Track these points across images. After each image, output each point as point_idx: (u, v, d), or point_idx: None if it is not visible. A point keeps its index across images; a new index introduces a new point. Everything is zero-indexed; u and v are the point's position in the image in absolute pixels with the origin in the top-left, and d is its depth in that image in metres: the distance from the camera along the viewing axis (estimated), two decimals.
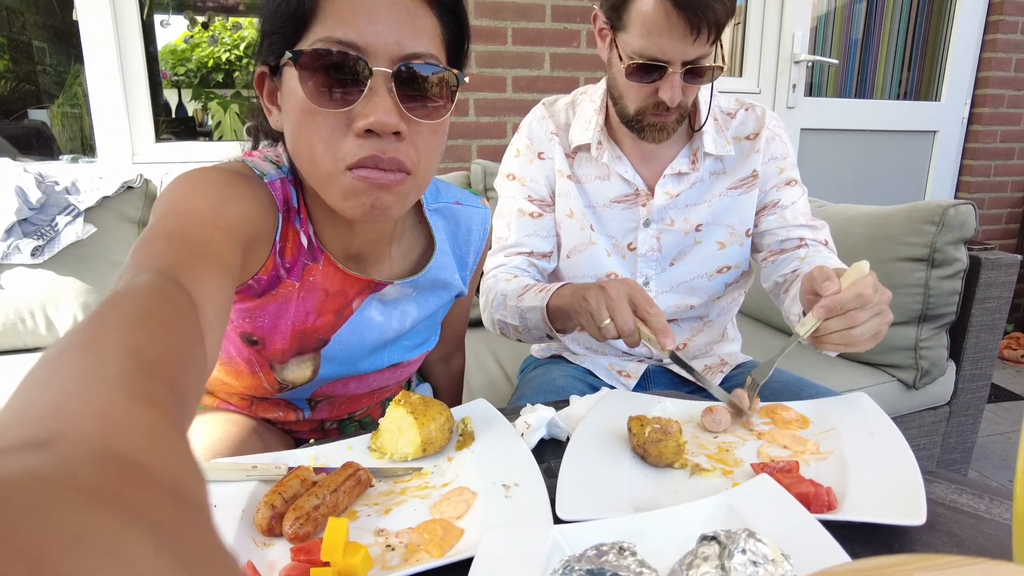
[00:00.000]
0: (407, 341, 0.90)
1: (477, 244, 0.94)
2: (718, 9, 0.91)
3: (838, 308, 0.75)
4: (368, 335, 0.84)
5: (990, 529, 0.57)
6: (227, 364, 0.83)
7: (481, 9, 2.28)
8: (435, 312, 0.92)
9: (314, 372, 0.83)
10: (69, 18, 2.12)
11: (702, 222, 1.15)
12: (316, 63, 0.61)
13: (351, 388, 0.91)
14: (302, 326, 0.79)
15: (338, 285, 0.79)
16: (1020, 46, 2.95)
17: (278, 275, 0.75)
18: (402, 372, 0.93)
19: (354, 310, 0.82)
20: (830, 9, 2.97)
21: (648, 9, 0.93)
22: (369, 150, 0.62)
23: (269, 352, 0.80)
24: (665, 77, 0.97)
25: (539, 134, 1.19)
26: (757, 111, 1.16)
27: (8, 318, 1.70)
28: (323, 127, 0.62)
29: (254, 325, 0.78)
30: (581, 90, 1.22)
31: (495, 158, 2.35)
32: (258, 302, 0.76)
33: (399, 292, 0.84)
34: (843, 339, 0.77)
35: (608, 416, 0.79)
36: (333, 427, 1.00)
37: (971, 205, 1.56)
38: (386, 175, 0.63)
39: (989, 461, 2.20)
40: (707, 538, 0.47)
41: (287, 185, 0.74)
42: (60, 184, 1.80)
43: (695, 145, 1.13)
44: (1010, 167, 3.12)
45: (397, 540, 0.58)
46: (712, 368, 1.22)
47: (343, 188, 0.64)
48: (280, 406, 0.91)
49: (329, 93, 0.62)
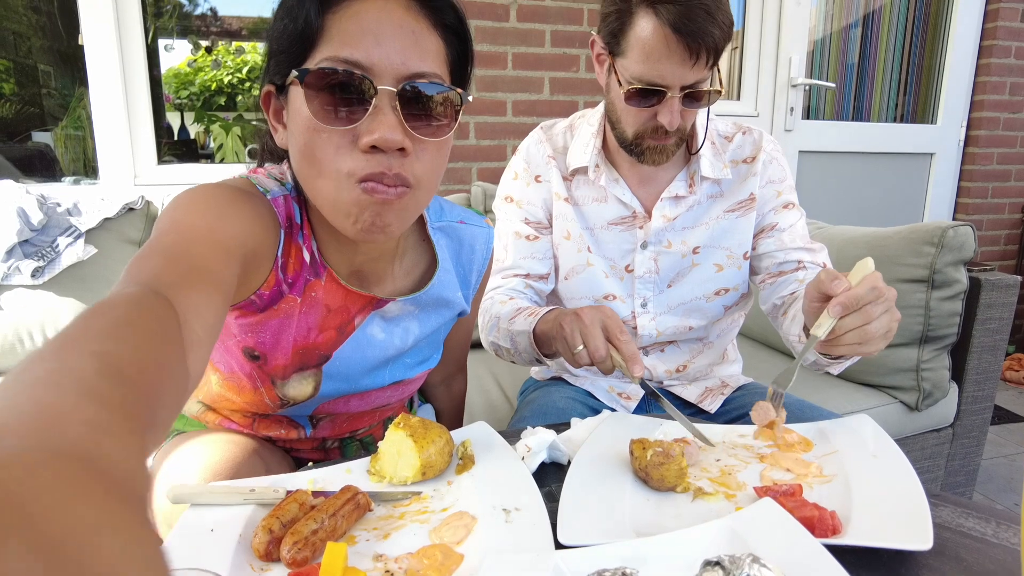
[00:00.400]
0: (409, 359, 0.89)
1: (480, 263, 0.94)
2: (716, 34, 0.91)
3: (854, 303, 0.73)
4: (370, 352, 0.83)
5: (998, 554, 0.56)
6: (229, 379, 0.83)
7: (482, 34, 2.32)
8: (437, 330, 0.91)
9: (315, 389, 0.82)
10: (75, 42, 2.15)
11: (699, 244, 1.15)
12: (322, 82, 0.62)
13: (352, 406, 0.90)
14: (304, 342, 0.79)
15: (340, 301, 0.79)
16: (1014, 70, 2.99)
17: (280, 291, 0.75)
18: (404, 390, 0.93)
19: (356, 327, 0.81)
20: (826, 34, 3.01)
21: (647, 35, 0.94)
22: (375, 166, 0.63)
23: (271, 368, 0.80)
24: (664, 101, 0.98)
25: (536, 158, 1.20)
26: (754, 134, 1.17)
27: (7, 339, 1.70)
28: (328, 144, 0.63)
29: (256, 340, 0.77)
30: (579, 114, 1.23)
31: (495, 180, 2.36)
32: (260, 317, 0.76)
33: (401, 309, 0.84)
34: (859, 337, 0.74)
35: (609, 439, 0.78)
36: (335, 446, 0.99)
37: (970, 226, 1.57)
38: (389, 190, 0.64)
39: (994, 484, 2.18)
40: (710, 563, 0.46)
41: (290, 202, 0.75)
42: (62, 205, 1.81)
43: (692, 168, 1.14)
44: (1007, 189, 3.14)
45: (396, 565, 0.57)
46: (713, 390, 1.21)
47: (347, 203, 0.65)
48: (282, 424, 0.90)
49: (335, 111, 0.62)
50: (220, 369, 0.83)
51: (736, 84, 2.85)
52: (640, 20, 0.95)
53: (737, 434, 0.83)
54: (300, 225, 0.75)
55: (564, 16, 2.40)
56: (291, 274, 0.75)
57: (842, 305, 0.74)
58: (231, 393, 0.85)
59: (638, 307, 1.18)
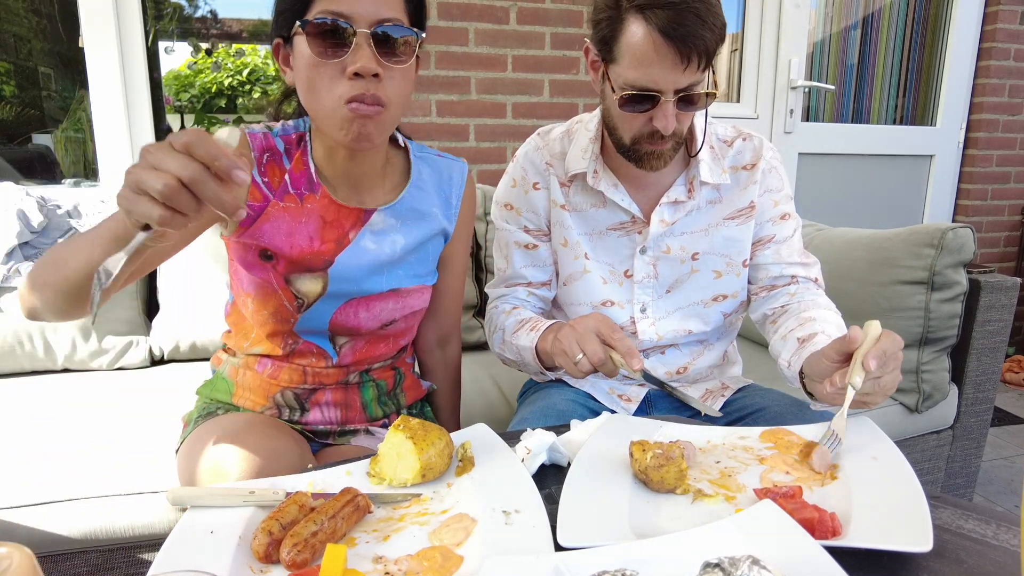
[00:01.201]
0: (401, 270, 1.06)
1: (458, 188, 1.13)
2: (707, 37, 0.91)
3: (884, 358, 0.77)
4: (364, 258, 1.02)
5: (998, 556, 0.56)
6: (256, 295, 1.02)
7: (482, 37, 2.32)
8: (423, 244, 1.08)
9: (324, 287, 1.00)
10: (75, 45, 2.15)
11: (699, 251, 1.15)
12: (318, 29, 0.85)
13: (363, 320, 1.05)
14: (309, 249, 0.98)
15: (333, 215, 1.00)
16: (1013, 72, 3.00)
17: (267, 199, 0.97)
18: (404, 304, 1.07)
19: (351, 240, 1.01)
20: (826, 36, 3.02)
21: (637, 40, 0.93)
22: (358, 89, 0.85)
23: (283, 267, 0.99)
24: (658, 106, 0.97)
25: (534, 164, 1.20)
26: (755, 141, 1.16)
27: (7, 341, 1.70)
28: (324, 75, 0.86)
29: (267, 241, 0.97)
30: (577, 119, 1.22)
31: (495, 182, 2.35)
32: (258, 223, 0.97)
33: (384, 222, 1.03)
34: (874, 387, 0.79)
35: (609, 441, 0.78)
36: (356, 381, 1.11)
37: (969, 228, 1.57)
38: (370, 108, 0.86)
39: (994, 486, 2.18)
40: (710, 565, 0.46)
41: (269, 138, 0.98)
42: (62, 208, 1.81)
43: (691, 173, 1.13)
44: (1007, 191, 3.14)
45: (396, 567, 0.57)
46: (714, 392, 1.21)
47: (339, 119, 0.87)
48: (312, 352, 1.06)
49: (327, 50, 0.85)
50: (250, 292, 1.03)
51: (736, 86, 2.86)
52: (630, 26, 0.94)
53: (737, 436, 0.83)
54: (301, 151, 0.99)
55: (564, 19, 2.40)
56: (277, 188, 0.98)
57: (878, 360, 0.77)
58: (261, 309, 1.02)
59: (637, 312, 1.18)
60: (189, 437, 1.02)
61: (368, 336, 1.08)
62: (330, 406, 1.09)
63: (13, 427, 1.41)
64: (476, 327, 2.02)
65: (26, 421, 1.45)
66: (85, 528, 1.18)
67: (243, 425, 0.97)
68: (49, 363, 1.76)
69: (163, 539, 0.60)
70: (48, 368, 1.78)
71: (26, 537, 1.15)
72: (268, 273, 0.99)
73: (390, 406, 1.15)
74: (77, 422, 1.43)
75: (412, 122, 2.31)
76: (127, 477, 1.22)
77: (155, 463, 1.24)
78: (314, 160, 1.00)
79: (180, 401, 1.20)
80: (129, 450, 1.30)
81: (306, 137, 1.00)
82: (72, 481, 1.20)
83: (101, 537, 1.19)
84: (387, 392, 1.15)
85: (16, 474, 1.22)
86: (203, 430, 0.99)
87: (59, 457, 1.28)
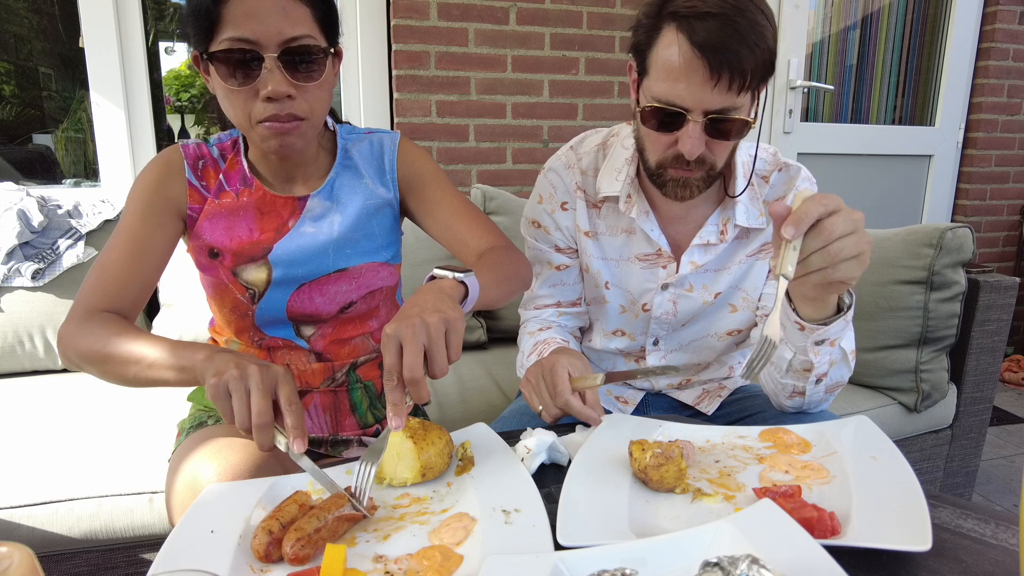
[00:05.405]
0: (348, 248, 1.05)
1: (390, 154, 1.10)
2: (743, 55, 0.83)
3: (805, 218, 0.70)
4: (303, 241, 1.02)
5: (997, 555, 0.57)
6: (214, 296, 1.05)
7: (482, 37, 2.32)
8: (366, 220, 1.06)
9: (269, 274, 1.01)
10: (76, 45, 2.15)
11: (720, 290, 1.11)
12: (226, 58, 0.86)
13: (319, 303, 1.04)
14: (248, 239, 1.00)
15: (269, 206, 1.02)
16: (1011, 72, 3.00)
17: (204, 199, 1.00)
18: (357, 284, 1.06)
19: (290, 228, 1.02)
20: (825, 36, 3.02)
21: (668, 51, 0.87)
22: (272, 110, 0.87)
23: (229, 261, 1.00)
24: (684, 126, 0.90)
25: (564, 184, 1.13)
26: (791, 171, 1.07)
27: (7, 340, 1.70)
28: (238, 99, 0.88)
29: (209, 237, 1.00)
30: (614, 131, 1.14)
31: (495, 183, 2.37)
32: (199, 222, 1.00)
33: (321, 206, 1.04)
34: (825, 259, 0.71)
35: (609, 441, 0.79)
36: (342, 380, 1.09)
37: (968, 228, 1.57)
38: (284, 125, 0.88)
39: (993, 485, 2.19)
40: (709, 564, 0.46)
41: (203, 147, 1.02)
42: (62, 208, 1.81)
43: (727, 214, 1.06)
44: (1006, 191, 3.14)
45: (396, 567, 0.58)
46: (710, 392, 1.21)
47: (257, 137, 0.91)
48: (281, 346, 1.06)
49: (238, 77, 0.86)
50: (209, 292, 1.06)
51: None
52: (665, 35, 0.87)
53: (737, 435, 0.83)
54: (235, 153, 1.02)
55: (564, 19, 2.40)
56: (213, 187, 1.00)
57: (794, 224, 0.70)
58: (222, 307, 1.05)
59: (649, 344, 1.17)
60: (178, 449, 0.99)
61: (331, 322, 1.07)
62: (319, 410, 1.08)
63: (13, 427, 1.41)
64: (476, 327, 2.02)
65: (26, 421, 1.45)
66: (85, 528, 1.18)
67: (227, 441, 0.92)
68: (49, 363, 1.76)
69: (163, 539, 0.60)
70: (48, 368, 1.78)
71: (26, 537, 1.15)
72: (217, 270, 1.01)
73: (383, 412, 1.14)
74: (77, 422, 1.44)
75: (412, 122, 2.31)
76: (127, 477, 1.22)
77: (155, 463, 1.24)
78: (248, 159, 1.02)
79: (180, 401, 1.20)
80: (129, 450, 1.30)
81: (239, 142, 1.03)
82: (72, 481, 1.21)
83: (101, 537, 1.19)
84: (378, 396, 1.14)
85: (16, 474, 1.22)
86: (190, 442, 0.95)
87: (59, 457, 1.28)
